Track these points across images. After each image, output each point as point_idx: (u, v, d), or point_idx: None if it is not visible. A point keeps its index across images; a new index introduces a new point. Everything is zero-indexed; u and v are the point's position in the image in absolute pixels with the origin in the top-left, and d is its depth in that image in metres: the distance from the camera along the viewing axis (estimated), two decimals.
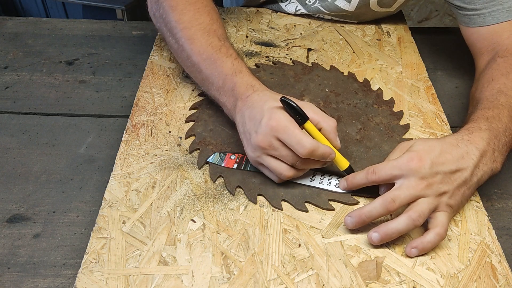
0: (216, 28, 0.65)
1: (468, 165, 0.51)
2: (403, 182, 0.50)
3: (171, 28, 0.66)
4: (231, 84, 0.58)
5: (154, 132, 0.63)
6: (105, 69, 0.78)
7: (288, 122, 0.51)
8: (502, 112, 0.56)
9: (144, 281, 0.46)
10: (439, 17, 1.81)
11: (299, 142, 0.50)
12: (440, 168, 0.50)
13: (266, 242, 0.50)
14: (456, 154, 0.51)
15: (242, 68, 0.60)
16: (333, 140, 0.54)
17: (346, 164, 0.54)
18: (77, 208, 0.55)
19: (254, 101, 0.54)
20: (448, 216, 0.50)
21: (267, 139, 0.51)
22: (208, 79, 0.62)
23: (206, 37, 0.63)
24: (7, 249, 0.51)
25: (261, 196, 0.54)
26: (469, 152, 0.51)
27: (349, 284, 0.46)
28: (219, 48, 0.62)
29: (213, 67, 0.61)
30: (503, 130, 0.55)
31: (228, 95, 0.59)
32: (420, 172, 0.49)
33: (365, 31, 0.85)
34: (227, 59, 0.61)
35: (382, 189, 0.53)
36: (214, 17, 0.67)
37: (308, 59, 0.78)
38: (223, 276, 0.47)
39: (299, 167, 0.53)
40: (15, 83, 0.75)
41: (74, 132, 0.66)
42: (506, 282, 0.47)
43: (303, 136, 0.50)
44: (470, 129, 0.54)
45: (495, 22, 0.68)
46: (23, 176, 0.59)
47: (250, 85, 0.57)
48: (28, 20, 0.90)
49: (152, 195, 0.54)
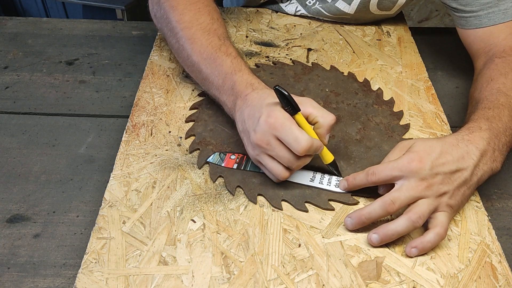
0: (217, 27, 0.65)
1: (468, 165, 0.51)
2: (403, 183, 0.50)
3: (172, 28, 0.66)
4: (230, 83, 0.58)
5: (154, 132, 0.63)
6: (105, 69, 0.78)
7: (285, 119, 0.51)
8: (502, 112, 0.56)
9: (144, 281, 0.46)
10: (439, 17, 1.81)
11: (295, 139, 0.50)
12: (440, 169, 0.50)
13: (266, 242, 0.50)
14: (456, 154, 0.51)
15: (241, 67, 0.60)
16: (322, 136, 0.54)
17: (331, 158, 0.55)
18: (77, 208, 0.55)
19: (253, 99, 0.55)
20: (448, 216, 0.50)
21: (265, 138, 0.51)
22: (208, 78, 0.62)
23: (206, 37, 0.64)
24: (7, 249, 0.51)
25: (261, 196, 0.54)
26: (469, 152, 0.51)
27: (349, 284, 0.46)
28: (219, 47, 0.62)
29: (213, 66, 0.61)
30: (503, 130, 0.55)
31: (228, 94, 0.59)
32: (420, 173, 0.49)
33: (365, 31, 0.85)
34: (226, 58, 0.61)
35: (381, 188, 0.53)
36: (214, 17, 0.67)
37: (308, 59, 0.78)
38: (223, 276, 0.47)
39: (295, 168, 0.53)
40: (15, 83, 0.75)
41: (74, 132, 0.66)
42: (506, 282, 0.47)
43: (300, 133, 0.50)
44: (470, 128, 0.54)
45: (491, 24, 0.68)
46: (23, 176, 0.59)
47: (250, 83, 0.57)
48: (28, 20, 0.90)
49: (152, 195, 0.54)
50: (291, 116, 0.52)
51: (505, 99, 0.58)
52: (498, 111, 0.56)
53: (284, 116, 0.51)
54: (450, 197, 0.50)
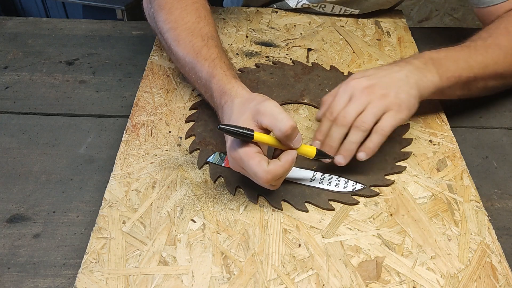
0: (202, 26, 0.63)
1: (400, 70, 0.57)
2: (351, 100, 0.55)
3: (160, 28, 0.65)
4: (209, 92, 0.58)
5: (154, 132, 0.63)
6: (105, 69, 0.78)
7: (242, 154, 0.48)
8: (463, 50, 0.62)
9: (144, 281, 0.46)
10: (439, 17, 1.81)
11: (255, 175, 0.48)
12: (374, 76, 0.56)
13: (266, 242, 0.50)
14: (386, 67, 0.59)
15: (215, 71, 0.57)
16: (288, 145, 0.50)
17: (313, 151, 0.53)
18: (77, 208, 0.55)
19: (225, 115, 0.53)
20: (394, 115, 0.54)
21: (236, 167, 0.51)
22: (194, 84, 0.62)
23: (190, 38, 0.62)
24: (7, 249, 0.51)
25: (261, 196, 0.55)
26: (398, 63, 0.59)
27: (349, 284, 0.46)
28: (199, 50, 0.60)
29: (194, 72, 0.60)
30: (450, 59, 0.60)
31: (212, 102, 0.58)
32: (360, 83, 0.55)
33: (365, 31, 0.85)
34: (204, 63, 0.59)
35: None
36: (201, 15, 0.64)
37: (308, 59, 0.78)
38: (223, 276, 0.47)
39: (273, 188, 0.51)
40: (15, 83, 0.75)
41: (74, 132, 0.66)
42: (506, 282, 0.47)
43: (258, 168, 0.47)
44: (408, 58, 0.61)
45: (503, 0, 0.70)
46: (23, 176, 0.59)
47: (223, 92, 0.55)
48: (28, 20, 0.90)
49: (152, 195, 0.54)
50: (250, 142, 0.48)
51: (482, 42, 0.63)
52: (460, 49, 0.62)
53: (242, 150, 0.48)
54: (396, 97, 0.54)
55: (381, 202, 0.54)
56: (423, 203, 0.54)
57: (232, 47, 0.80)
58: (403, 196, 0.55)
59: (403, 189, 0.56)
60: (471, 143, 0.66)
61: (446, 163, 0.59)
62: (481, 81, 0.63)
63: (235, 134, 0.47)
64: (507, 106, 0.72)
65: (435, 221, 0.52)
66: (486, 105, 0.71)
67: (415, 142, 0.62)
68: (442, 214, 0.53)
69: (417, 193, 0.55)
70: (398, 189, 0.56)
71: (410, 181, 0.57)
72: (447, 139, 0.62)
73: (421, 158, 0.60)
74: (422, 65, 0.58)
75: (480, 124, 0.69)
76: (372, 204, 0.54)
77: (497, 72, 0.63)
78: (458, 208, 0.54)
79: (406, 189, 0.56)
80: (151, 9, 0.67)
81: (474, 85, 0.63)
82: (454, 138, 0.63)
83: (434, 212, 0.53)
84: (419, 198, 0.55)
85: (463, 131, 0.67)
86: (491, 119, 0.69)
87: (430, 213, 0.53)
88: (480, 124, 0.69)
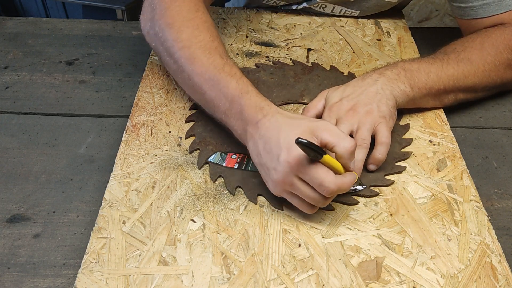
0: (217, 45, 0.61)
1: (373, 84, 0.60)
2: (339, 123, 0.58)
3: (168, 47, 0.62)
4: (238, 107, 0.54)
5: (154, 132, 0.63)
6: (105, 69, 0.78)
7: (307, 160, 0.47)
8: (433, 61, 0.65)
9: (144, 281, 0.46)
10: (439, 17, 1.81)
11: (321, 183, 0.47)
12: (352, 96, 0.59)
13: (266, 242, 0.50)
14: (359, 82, 0.62)
15: (248, 88, 0.55)
16: (347, 166, 0.50)
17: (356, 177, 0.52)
18: (77, 208, 0.55)
19: (267, 130, 0.51)
20: (385, 125, 0.57)
21: (288, 179, 0.48)
22: (212, 101, 0.58)
23: (207, 56, 0.59)
24: (7, 249, 0.51)
25: (261, 196, 0.54)
26: (371, 75, 0.62)
27: (349, 284, 0.46)
28: (222, 67, 0.58)
29: (217, 88, 0.57)
30: (421, 71, 0.63)
31: (237, 119, 0.55)
32: (341, 108, 0.59)
33: (365, 31, 0.85)
34: (231, 79, 0.56)
35: None
36: (214, 34, 0.62)
37: (308, 59, 0.78)
38: (223, 276, 0.47)
39: (323, 205, 0.51)
40: (15, 83, 0.75)
41: (74, 132, 0.66)
42: (506, 282, 0.47)
43: (326, 175, 0.47)
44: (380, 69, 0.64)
45: (486, 16, 0.72)
46: (23, 176, 0.59)
47: (259, 107, 0.53)
48: (28, 20, 0.90)
49: (152, 195, 0.54)
50: (318, 160, 0.48)
51: (454, 55, 0.66)
52: (431, 60, 0.65)
53: (305, 156, 0.47)
54: (379, 110, 0.58)
55: (381, 202, 0.54)
56: (423, 203, 0.54)
57: (232, 47, 0.80)
58: (403, 196, 0.55)
59: (403, 189, 0.56)
60: (471, 143, 0.66)
61: (446, 163, 0.59)
62: (451, 94, 0.66)
63: (310, 148, 0.46)
64: (507, 106, 0.72)
65: (435, 221, 0.52)
66: (486, 105, 0.72)
67: (415, 142, 0.62)
68: (442, 214, 0.53)
69: (417, 193, 0.55)
70: (398, 189, 0.56)
71: (410, 181, 0.57)
72: (447, 139, 0.62)
73: (421, 158, 0.60)
74: (395, 76, 0.62)
75: (480, 124, 0.69)
76: (372, 204, 0.54)
77: (467, 86, 0.66)
78: (458, 208, 0.54)
79: (406, 189, 0.56)
80: (156, 28, 0.64)
81: (445, 97, 0.66)
82: (454, 138, 0.63)
83: (434, 212, 0.53)
84: (419, 198, 0.55)
85: (463, 131, 0.67)
86: (491, 119, 0.70)
87: (430, 213, 0.53)
88: (480, 124, 0.69)
